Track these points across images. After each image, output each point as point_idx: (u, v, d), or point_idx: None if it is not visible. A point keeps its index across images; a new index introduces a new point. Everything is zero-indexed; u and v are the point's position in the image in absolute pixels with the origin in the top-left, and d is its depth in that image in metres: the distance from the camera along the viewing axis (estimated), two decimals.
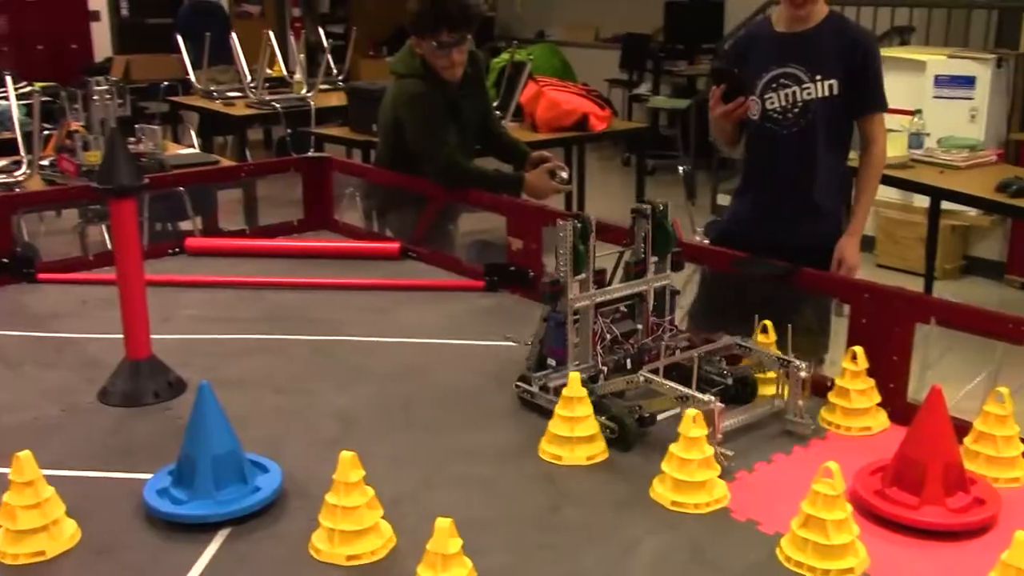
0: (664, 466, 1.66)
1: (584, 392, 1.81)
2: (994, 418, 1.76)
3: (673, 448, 1.65)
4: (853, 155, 3.15)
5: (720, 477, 1.67)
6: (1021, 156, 6.00)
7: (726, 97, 2.83)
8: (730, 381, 1.97)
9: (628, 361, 1.99)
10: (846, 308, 2.15)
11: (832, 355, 2.92)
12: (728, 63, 3.14)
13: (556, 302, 1.95)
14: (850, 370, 1.94)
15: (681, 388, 1.79)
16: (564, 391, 1.82)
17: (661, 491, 1.66)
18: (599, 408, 1.84)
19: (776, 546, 1.52)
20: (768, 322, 2.10)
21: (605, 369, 1.95)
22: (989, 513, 1.59)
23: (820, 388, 2.03)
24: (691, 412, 1.64)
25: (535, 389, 1.98)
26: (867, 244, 6.19)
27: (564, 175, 3.37)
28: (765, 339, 2.09)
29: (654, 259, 2.08)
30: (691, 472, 1.63)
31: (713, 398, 1.75)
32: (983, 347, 2.16)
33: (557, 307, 1.95)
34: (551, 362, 1.99)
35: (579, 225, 1.94)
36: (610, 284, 2.05)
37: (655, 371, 1.86)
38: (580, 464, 1.79)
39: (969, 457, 1.75)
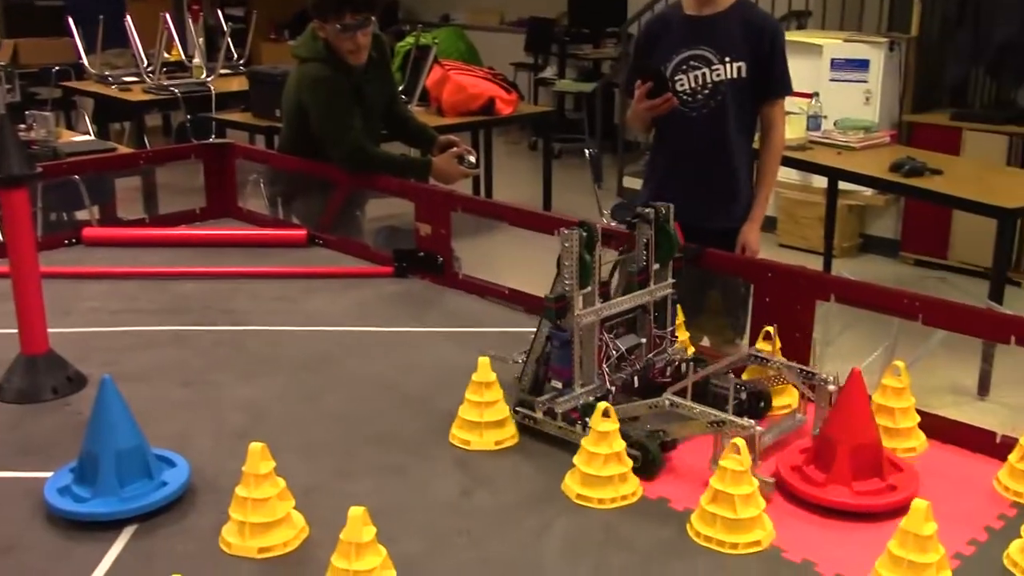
0: (575, 459, 1.66)
1: (493, 377, 1.81)
2: (891, 391, 1.82)
3: (584, 442, 1.65)
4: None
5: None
6: (913, 137, 6.20)
7: (652, 94, 2.87)
8: (744, 396, 1.85)
9: (635, 379, 1.87)
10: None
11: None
12: (639, 46, 3.18)
13: (562, 319, 1.78)
14: (764, 351, 1.98)
15: (715, 412, 1.66)
16: (474, 376, 1.81)
17: (570, 483, 1.66)
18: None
19: (686, 522, 1.55)
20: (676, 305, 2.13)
21: (613, 389, 1.81)
22: (896, 498, 1.58)
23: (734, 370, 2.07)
24: (602, 405, 1.63)
25: (539, 415, 1.81)
26: (769, 224, 6.33)
27: (472, 159, 3.36)
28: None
29: (655, 266, 1.93)
30: (598, 467, 1.62)
31: (752, 422, 1.62)
32: (880, 323, 2.24)
33: (563, 324, 1.78)
34: (556, 384, 1.82)
35: (585, 234, 1.76)
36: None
37: (679, 393, 1.73)
38: (489, 449, 1.79)
39: None
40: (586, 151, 5.58)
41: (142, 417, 1.64)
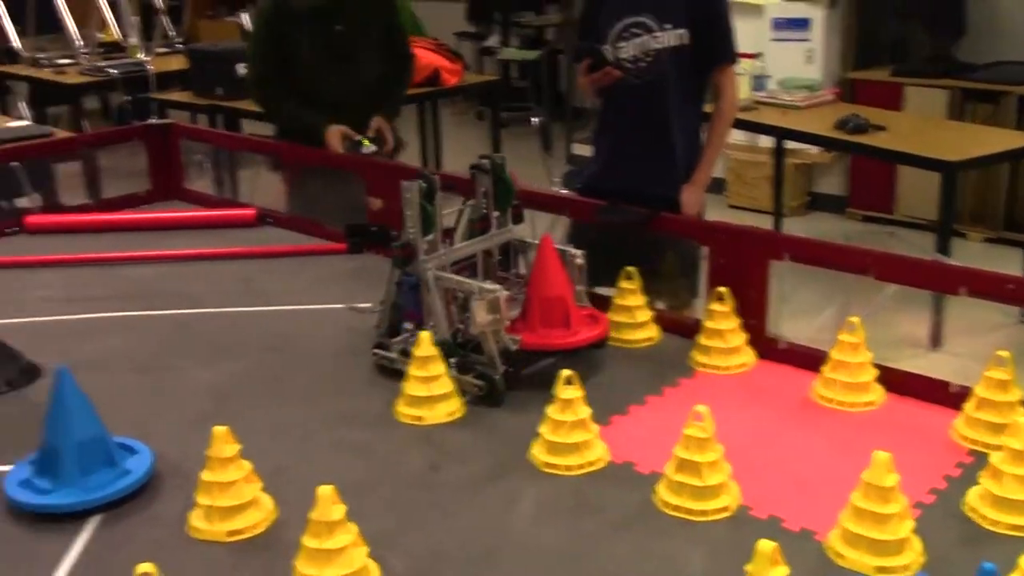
0: (540, 428, 1.66)
1: (436, 351, 1.81)
2: (848, 346, 1.84)
3: (549, 410, 1.65)
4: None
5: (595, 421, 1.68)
6: (856, 94, 6.27)
7: (592, 69, 2.88)
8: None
9: None
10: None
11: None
12: (584, 12, 3.18)
13: (408, 265, 1.95)
14: (718, 311, 2.00)
15: (465, 281, 1.90)
16: (415, 351, 1.81)
17: (536, 452, 1.66)
18: (463, 367, 1.87)
19: (652, 489, 1.55)
20: (632, 268, 2.14)
21: (461, 327, 1.95)
22: (573, 339, 1.92)
23: (689, 330, 2.09)
24: (565, 373, 1.64)
25: (395, 355, 1.96)
26: (718, 186, 6.38)
27: (370, 147, 3.39)
28: (630, 285, 2.13)
29: (496, 214, 2.09)
30: (565, 434, 1.63)
31: (499, 287, 1.85)
32: (831, 279, 2.26)
33: (410, 270, 1.95)
34: (408, 326, 1.99)
35: (424, 185, 1.94)
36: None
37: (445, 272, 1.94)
38: (444, 422, 1.79)
39: (827, 384, 1.84)
40: (534, 119, 5.56)
41: (100, 406, 1.62)
